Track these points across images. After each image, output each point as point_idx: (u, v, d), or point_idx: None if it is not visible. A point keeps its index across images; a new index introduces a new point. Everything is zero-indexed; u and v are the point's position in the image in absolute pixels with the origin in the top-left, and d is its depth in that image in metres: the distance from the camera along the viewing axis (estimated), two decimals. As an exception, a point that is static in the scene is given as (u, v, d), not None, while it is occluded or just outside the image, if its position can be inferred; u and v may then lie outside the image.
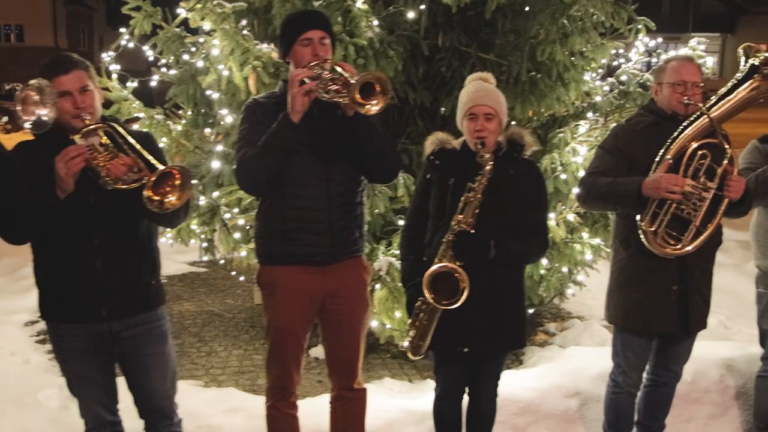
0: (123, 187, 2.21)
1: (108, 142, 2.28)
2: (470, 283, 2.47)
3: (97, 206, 2.33)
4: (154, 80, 4.72)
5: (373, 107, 2.29)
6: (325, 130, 2.51)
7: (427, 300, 2.52)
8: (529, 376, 3.67)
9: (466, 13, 4.22)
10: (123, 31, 4.43)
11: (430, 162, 2.75)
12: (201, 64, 4.25)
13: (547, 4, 4.04)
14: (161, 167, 2.18)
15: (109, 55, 4.57)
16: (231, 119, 4.16)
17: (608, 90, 4.88)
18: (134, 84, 4.64)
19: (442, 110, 4.27)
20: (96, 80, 2.40)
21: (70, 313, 2.40)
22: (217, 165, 4.26)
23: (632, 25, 4.52)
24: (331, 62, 2.43)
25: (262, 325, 2.78)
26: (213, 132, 4.43)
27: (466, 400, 2.88)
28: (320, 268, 2.58)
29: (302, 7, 3.70)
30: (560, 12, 4.02)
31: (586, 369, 3.65)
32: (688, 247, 2.72)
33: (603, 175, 2.83)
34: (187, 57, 4.48)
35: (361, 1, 3.78)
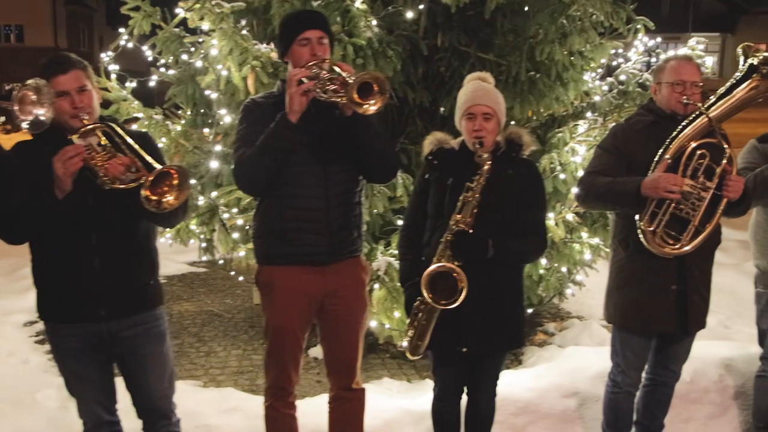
0: (121, 186, 2.21)
1: (106, 142, 2.28)
2: (468, 283, 2.47)
3: (95, 206, 2.33)
4: (153, 80, 4.72)
5: (371, 107, 2.29)
6: (324, 129, 2.51)
7: (426, 300, 2.51)
8: (527, 376, 3.67)
9: (466, 13, 4.22)
10: (122, 31, 4.43)
11: (428, 162, 2.75)
12: (200, 64, 4.25)
13: (546, 4, 4.04)
14: (159, 167, 2.18)
15: (108, 55, 4.57)
16: (230, 119, 4.16)
17: (607, 90, 4.88)
18: (133, 84, 4.64)
19: (442, 110, 4.26)
20: (94, 80, 2.41)
21: (69, 313, 2.40)
22: (215, 165, 4.26)
23: (631, 25, 4.53)
24: (329, 62, 2.43)
25: (262, 326, 2.78)
26: (212, 132, 4.42)
27: (464, 400, 2.87)
28: (319, 268, 2.57)
29: (301, 7, 3.70)
30: (559, 12, 4.02)
31: (584, 369, 3.65)
32: (687, 247, 2.72)
33: (602, 175, 2.83)
34: (185, 57, 4.48)
35: (359, 1, 3.78)
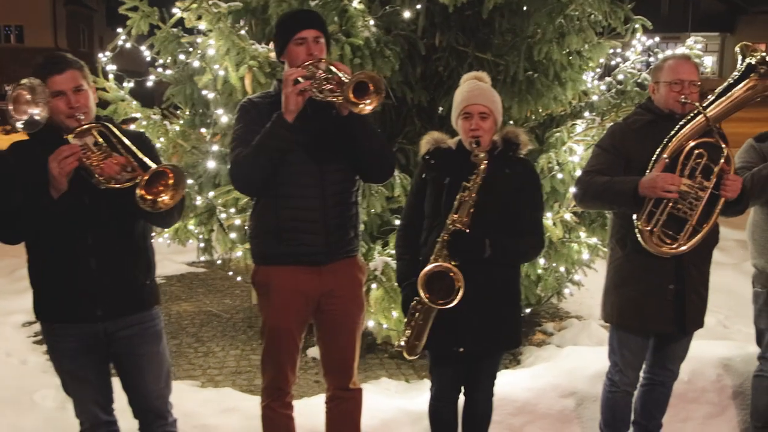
0: (116, 186, 2.21)
1: (102, 142, 2.28)
2: (465, 283, 2.47)
3: (92, 206, 2.32)
4: (150, 80, 4.71)
5: (367, 106, 2.29)
6: (320, 129, 2.51)
7: (423, 300, 2.51)
8: (525, 376, 3.66)
9: (464, 13, 4.21)
10: (121, 31, 4.43)
11: (425, 161, 2.75)
12: (197, 64, 4.24)
13: (544, 4, 4.03)
14: (154, 166, 2.18)
15: (106, 56, 4.57)
16: (227, 119, 4.15)
17: (605, 89, 4.87)
18: (131, 84, 4.64)
19: (440, 110, 4.26)
20: (90, 80, 2.40)
21: (65, 313, 2.39)
22: (213, 165, 4.25)
23: (629, 25, 4.52)
24: (325, 61, 2.43)
25: (260, 326, 2.77)
26: (209, 132, 4.42)
27: (462, 400, 2.87)
28: (315, 268, 2.57)
29: (298, 6, 3.69)
30: (557, 11, 4.01)
31: (583, 369, 3.65)
32: (684, 247, 2.71)
33: (600, 174, 2.83)
34: (183, 57, 4.47)
35: (357, 1, 3.78)
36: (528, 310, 4.69)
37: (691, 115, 2.74)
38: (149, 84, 4.77)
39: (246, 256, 4.20)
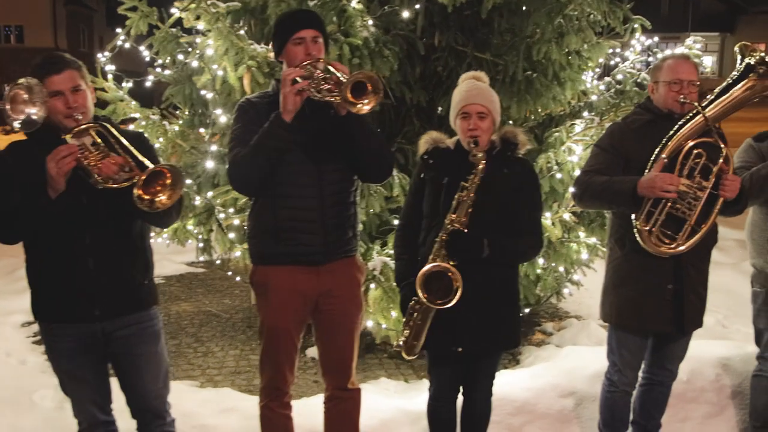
0: (114, 186, 2.21)
1: (99, 142, 2.28)
2: (464, 283, 2.47)
3: (89, 206, 2.32)
4: (149, 80, 4.71)
5: (365, 106, 2.29)
6: (318, 129, 2.51)
7: (421, 300, 2.51)
8: (524, 376, 3.66)
9: (463, 13, 4.21)
10: (120, 31, 4.43)
11: (423, 161, 2.74)
12: (196, 65, 4.24)
13: (543, 4, 4.03)
14: (151, 166, 2.18)
15: (105, 56, 4.56)
16: (225, 119, 4.15)
17: (604, 89, 4.87)
18: (129, 84, 4.63)
19: (439, 110, 4.26)
20: (88, 80, 2.40)
21: (63, 313, 2.39)
22: (212, 165, 4.25)
23: (628, 25, 4.52)
24: (323, 61, 2.43)
25: (259, 326, 2.77)
26: (208, 132, 4.42)
27: (460, 400, 2.87)
28: (313, 268, 2.57)
29: (297, 6, 3.69)
30: (556, 11, 4.01)
31: (582, 368, 3.64)
32: (682, 247, 2.71)
33: (599, 174, 2.83)
34: (182, 57, 4.47)
35: (356, 1, 3.77)
36: (527, 310, 4.69)
37: (690, 114, 2.74)
38: (148, 84, 4.77)
39: (245, 256, 4.20)
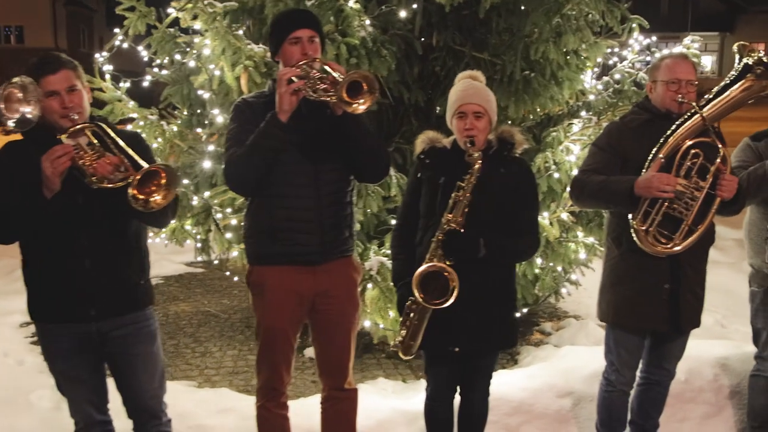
0: (109, 186, 2.21)
1: (95, 142, 2.28)
2: (460, 282, 2.46)
3: (85, 206, 2.32)
4: (146, 80, 4.71)
5: (360, 106, 2.29)
6: (314, 129, 2.50)
7: (417, 299, 2.51)
8: (521, 376, 3.66)
9: (460, 12, 4.21)
10: (118, 31, 4.42)
11: (420, 161, 2.74)
12: (193, 64, 4.24)
13: (541, 3, 4.02)
14: (146, 166, 2.17)
15: (103, 56, 4.56)
16: (222, 119, 4.15)
17: (602, 89, 4.87)
18: (127, 84, 4.63)
19: (437, 110, 4.26)
20: (84, 80, 2.40)
21: (59, 313, 2.39)
22: (209, 165, 4.25)
23: (626, 24, 4.52)
24: (320, 61, 2.42)
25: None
26: (205, 132, 4.41)
27: (457, 400, 2.87)
28: (310, 268, 2.56)
29: (294, 6, 3.69)
30: (554, 11, 4.01)
31: (579, 368, 3.64)
32: (678, 247, 2.70)
33: (596, 173, 2.82)
34: (180, 57, 4.47)
35: (353, 0, 3.77)
36: (525, 310, 4.68)
37: (688, 114, 2.73)
38: (146, 84, 4.76)
39: (242, 256, 4.19)
